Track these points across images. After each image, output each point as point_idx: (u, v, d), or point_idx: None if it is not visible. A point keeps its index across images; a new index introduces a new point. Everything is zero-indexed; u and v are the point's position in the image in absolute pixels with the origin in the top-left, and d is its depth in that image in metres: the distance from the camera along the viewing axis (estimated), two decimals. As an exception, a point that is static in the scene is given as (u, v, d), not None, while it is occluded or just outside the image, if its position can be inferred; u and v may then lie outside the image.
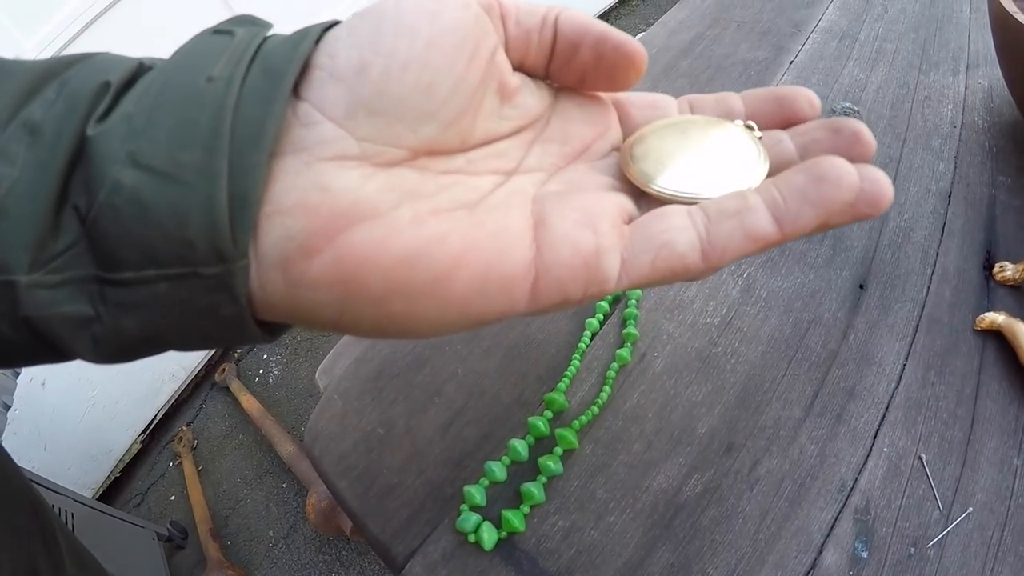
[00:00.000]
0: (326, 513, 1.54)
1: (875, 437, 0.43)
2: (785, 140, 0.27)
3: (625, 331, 0.51)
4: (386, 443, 0.50)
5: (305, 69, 0.23)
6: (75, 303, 0.21)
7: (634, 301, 0.53)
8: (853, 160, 0.23)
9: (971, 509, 0.40)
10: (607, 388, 0.48)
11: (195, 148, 0.20)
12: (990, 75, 0.71)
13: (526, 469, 0.46)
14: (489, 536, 0.42)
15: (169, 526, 1.68)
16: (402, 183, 0.23)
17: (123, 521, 1.54)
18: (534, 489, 0.43)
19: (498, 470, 0.45)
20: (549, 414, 0.47)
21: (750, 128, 0.28)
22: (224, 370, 2.04)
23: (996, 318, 0.47)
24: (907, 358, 0.47)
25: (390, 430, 0.51)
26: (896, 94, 0.72)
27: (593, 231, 0.23)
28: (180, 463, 1.88)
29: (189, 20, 1.78)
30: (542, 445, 0.47)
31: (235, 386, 1.98)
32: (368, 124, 0.23)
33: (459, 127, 0.25)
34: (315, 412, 0.55)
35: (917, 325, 0.49)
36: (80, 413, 1.75)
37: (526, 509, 0.43)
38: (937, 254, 0.54)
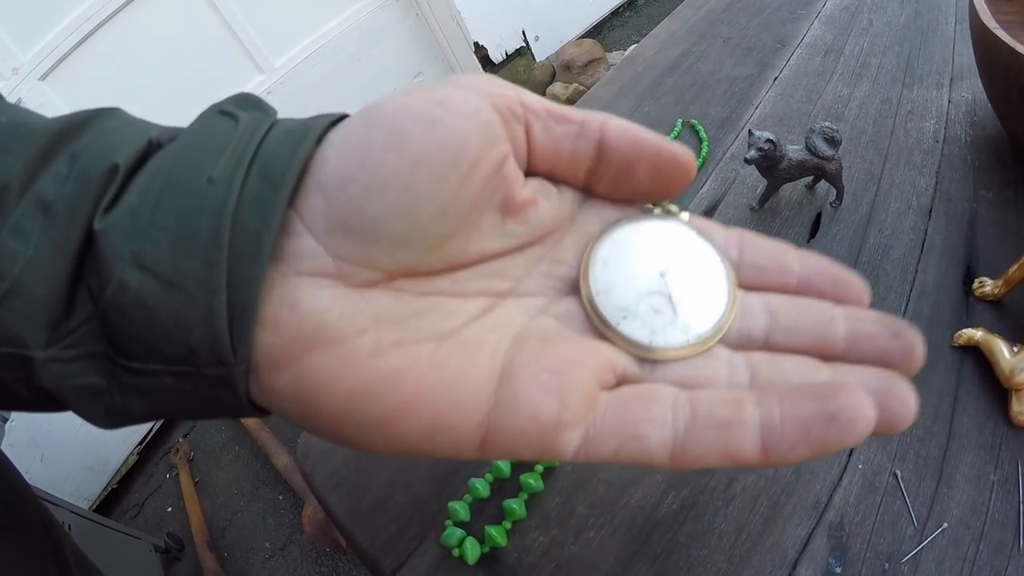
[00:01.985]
0: (322, 525, 1.54)
1: (850, 454, 0.44)
2: (838, 320, 0.24)
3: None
4: (375, 460, 0.51)
5: (301, 173, 0.22)
6: (89, 376, 0.22)
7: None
8: (898, 368, 0.22)
9: (946, 525, 0.41)
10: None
11: (195, 257, 0.21)
12: (974, 88, 0.72)
13: (508, 486, 0.47)
14: (472, 551, 0.43)
15: (166, 538, 1.68)
16: (372, 307, 0.23)
17: (120, 533, 1.54)
18: (516, 505, 0.44)
19: (481, 487, 0.46)
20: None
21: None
22: None
23: (974, 334, 0.48)
24: (884, 374, 0.48)
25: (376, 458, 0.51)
26: (879, 109, 0.73)
27: (559, 401, 0.21)
28: (177, 475, 1.89)
29: (182, 32, 1.79)
30: (523, 464, 0.47)
31: None
32: (345, 242, 0.22)
33: (443, 251, 0.24)
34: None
35: (894, 341, 0.50)
36: (76, 425, 1.75)
37: (508, 525, 0.44)
38: (916, 271, 0.55)
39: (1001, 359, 0.45)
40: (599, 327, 0.25)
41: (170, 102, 1.75)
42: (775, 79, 0.79)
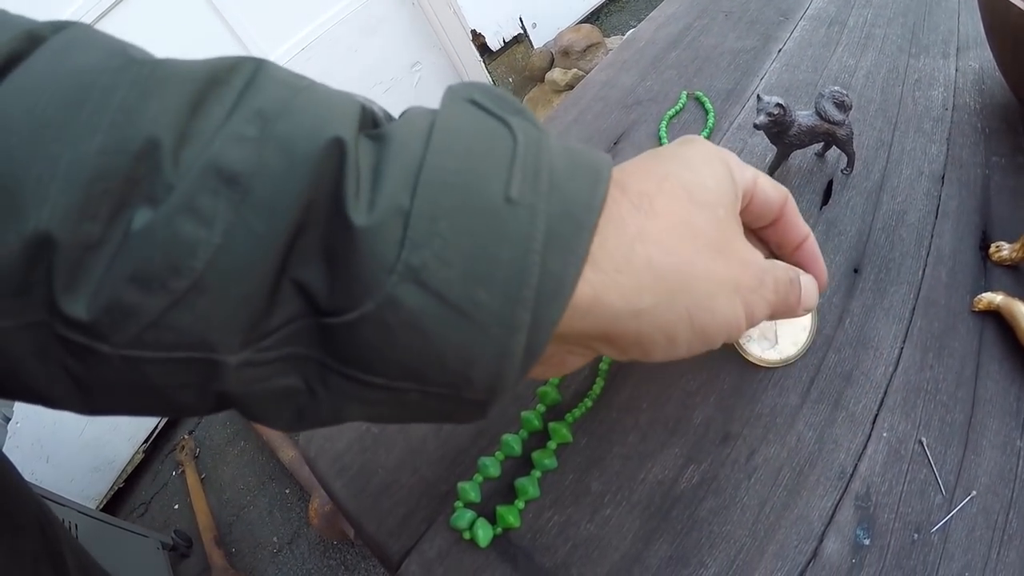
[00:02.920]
0: (329, 517, 1.53)
1: (874, 422, 0.42)
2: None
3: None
4: (380, 442, 0.49)
5: None
6: (287, 378, 0.20)
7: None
8: None
9: (975, 492, 0.39)
10: (600, 380, 0.47)
11: (495, 290, 0.19)
12: (981, 57, 0.70)
13: (520, 464, 0.45)
14: (484, 533, 0.41)
15: (173, 535, 1.67)
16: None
17: (128, 531, 1.53)
18: (528, 484, 0.42)
19: (492, 466, 0.44)
20: (542, 408, 0.46)
21: None
22: None
23: (994, 298, 0.46)
24: (904, 341, 0.46)
25: (384, 429, 0.50)
26: (886, 79, 0.71)
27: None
28: (183, 472, 1.87)
29: (177, 27, 1.77)
30: (536, 439, 0.46)
31: None
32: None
33: None
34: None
35: (914, 308, 0.48)
36: (81, 425, 1.74)
37: (521, 504, 0.42)
38: (932, 236, 0.53)
39: (1023, 322, 0.44)
40: (736, 347, 0.46)
41: None
42: (779, 51, 0.77)
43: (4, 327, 0.17)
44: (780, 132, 0.54)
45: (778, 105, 0.52)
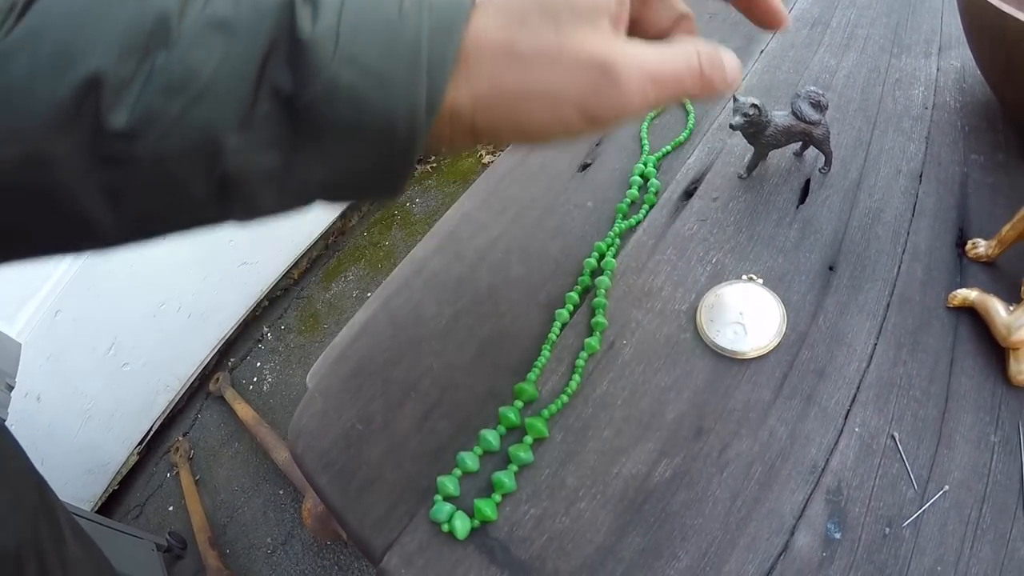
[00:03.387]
0: (322, 518, 1.53)
1: (846, 417, 0.43)
2: None
3: (594, 320, 0.51)
4: (365, 438, 0.50)
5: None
6: (270, 156, 0.27)
7: (603, 291, 0.53)
8: None
9: (947, 487, 0.39)
10: (576, 377, 0.47)
11: (401, 64, 0.27)
12: (962, 56, 0.71)
13: (498, 459, 0.45)
14: (462, 525, 0.41)
15: (168, 536, 1.67)
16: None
17: (122, 533, 1.53)
18: (505, 478, 0.43)
19: (470, 460, 0.44)
20: (520, 404, 0.47)
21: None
22: (218, 379, 2.03)
23: (969, 294, 0.47)
24: (878, 337, 0.46)
25: (368, 425, 0.50)
26: (867, 78, 0.71)
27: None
28: (177, 473, 1.87)
29: None
30: (513, 435, 0.46)
31: (229, 395, 1.97)
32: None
33: None
34: (297, 410, 0.54)
35: (888, 304, 0.48)
36: (76, 427, 1.73)
37: (498, 498, 0.43)
38: (908, 233, 0.53)
39: (997, 318, 0.44)
40: (705, 340, 0.49)
41: None
42: (761, 52, 0.78)
43: (55, 154, 0.24)
44: (756, 132, 0.55)
45: (753, 106, 0.52)
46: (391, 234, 2.35)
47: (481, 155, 2.49)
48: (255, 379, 2.08)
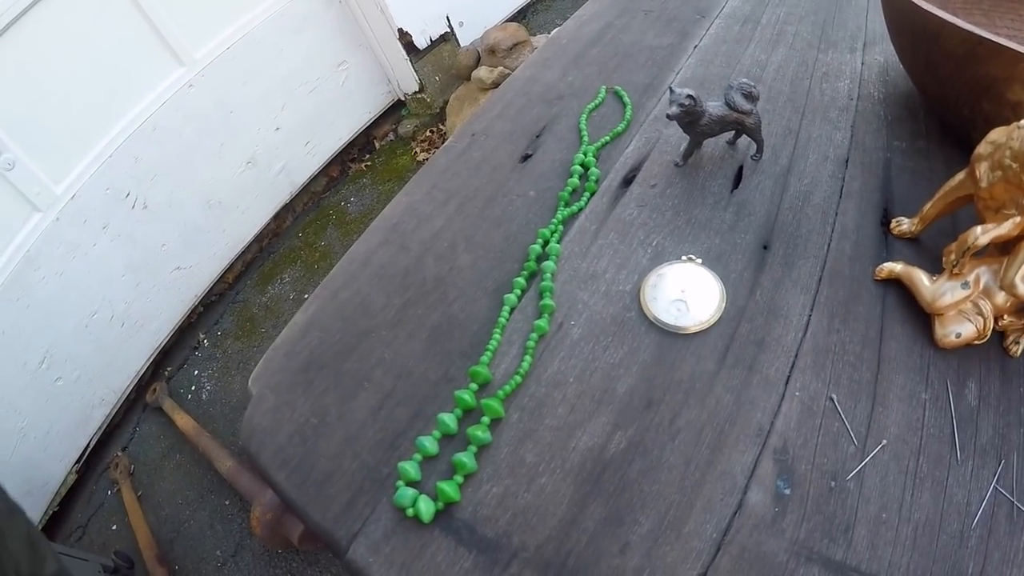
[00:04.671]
0: (271, 525, 1.50)
1: (787, 383, 0.45)
2: None
3: (542, 303, 0.52)
4: (320, 432, 0.50)
5: None
6: None
7: (549, 275, 0.54)
8: None
9: (885, 441, 0.42)
10: (528, 358, 0.49)
11: None
12: (886, 51, 0.75)
13: (457, 441, 0.46)
14: (426, 508, 0.42)
15: (114, 556, 1.61)
16: None
17: (67, 556, 1.47)
18: (466, 459, 0.43)
19: (429, 444, 0.45)
20: (474, 386, 0.48)
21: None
22: (155, 390, 1.96)
23: (895, 267, 0.50)
24: (812, 309, 0.49)
25: (323, 419, 0.50)
26: (796, 72, 0.75)
27: None
28: (119, 490, 1.80)
29: (100, 25, 1.71)
30: (470, 417, 0.47)
31: (168, 405, 1.90)
32: None
33: None
34: (249, 408, 0.54)
35: (820, 279, 0.51)
36: (11, 447, 1.66)
37: (460, 479, 0.43)
38: (836, 214, 0.56)
39: (922, 287, 0.47)
40: (649, 317, 0.51)
41: (89, 96, 1.71)
42: (695, 47, 0.81)
43: None
44: (692, 122, 0.57)
45: (689, 96, 0.55)
46: (326, 234, 2.33)
47: (416, 152, 2.50)
48: (193, 387, 2.02)
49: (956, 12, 0.72)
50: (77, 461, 1.87)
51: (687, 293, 0.51)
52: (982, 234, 0.44)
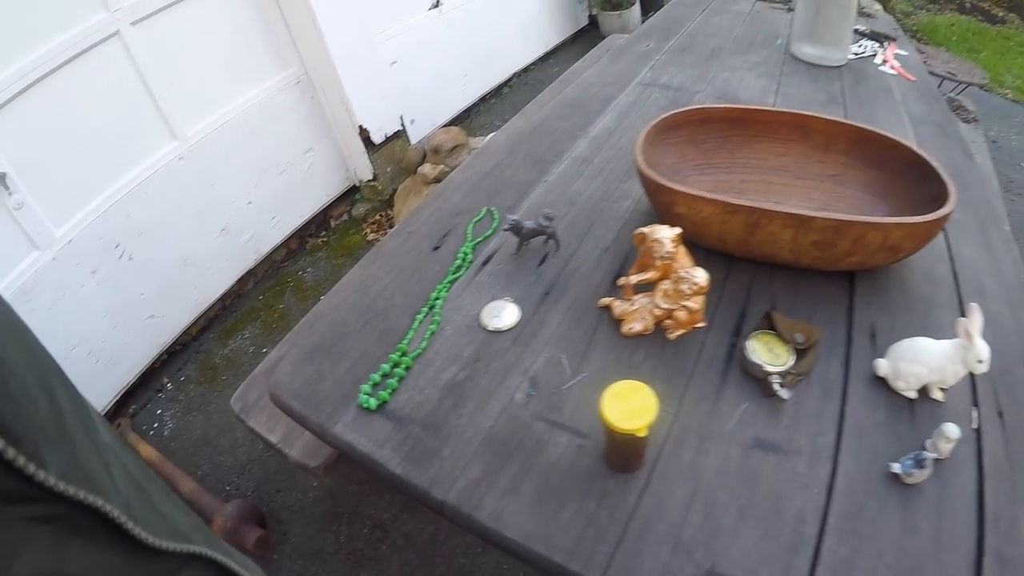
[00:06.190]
0: (231, 532, 1.86)
1: (541, 351, 1.05)
2: None
3: (434, 319, 1.12)
4: (319, 380, 1.05)
5: None
6: None
7: (440, 305, 1.14)
8: None
9: (586, 374, 1.02)
10: (424, 343, 1.08)
11: None
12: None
13: (390, 377, 1.05)
14: (373, 403, 0.99)
15: None
16: None
17: None
18: (393, 382, 1.02)
19: (375, 377, 1.04)
20: (399, 353, 1.07)
21: None
22: (119, 424, 2.26)
23: (606, 300, 1.12)
24: (561, 321, 1.10)
25: (320, 374, 1.07)
26: (601, 196, 1.39)
27: None
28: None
29: (108, 98, 2.11)
30: (397, 366, 1.06)
31: (132, 438, 2.21)
32: None
33: None
34: (277, 370, 1.11)
35: (571, 307, 1.13)
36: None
37: (387, 393, 1.01)
38: (591, 276, 1.19)
39: (615, 308, 1.10)
40: (484, 325, 1.12)
41: (96, 155, 2.10)
42: (545, 181, 1.45)
43: None
44: (518, 231, 1.19)
45: (513, 220, 1.17)
46: (284, 298, 2.79)
47: (366, 233, 3.02)
48: (156, 424, 2.37)
49: (708, 151, 1.38)
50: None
51: (502, 313, 1.11)
52: (632, 278, 1.07)
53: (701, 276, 1.02)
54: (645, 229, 1.04)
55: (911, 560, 0.79)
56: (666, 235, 1.02)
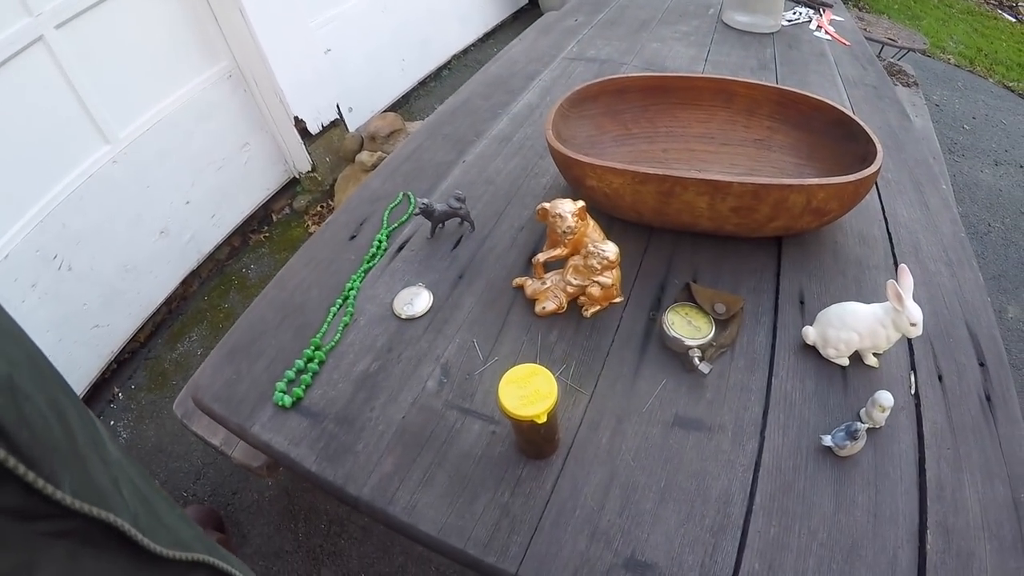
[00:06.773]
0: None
1: (453, 337, 1.07)
2: None
3: (348, 310, 1.13)
4: (237, 381, 1.06)
5: None
6: None
7: (354, 296, 1.15)
8: None
9: (497, 358, 1.03)
10: (338, 335, 1.09)
11: None
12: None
13: (304, 372, 1.06)
14: (288, 400, 1.01)
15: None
16: None
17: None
18: (307, 378, 1.03)
19: (290, 373, 1.04)
20: (313, 348, 1.08)
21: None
22: None
23: (519, 280, 1.13)
24: (475, 303, 1.12)
25: (239, 375, 1.08)
26: (519, 174, 1.40)
27: None
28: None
29: (34, 101, 2.07)
30: (311, 361, 1.07)
31: None
32: None
33: None
34: (195, 375, 1.12)
35: (484, 288, 1.14)
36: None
37: (301, 390, 1.02)
38: (506, 256, 1.20)
39: (527, 287, 1.11)
40: (397, 312, 1.13)
41: (25, 166, 2.06)
42: (463, 161, 1.46)
43: None
44: (429, 215, 1.20)
45: (423, 202, 1.17)
46: (229, 297, 2.78)
47: (308, 225, 3.03)
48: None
49: (628, 121, 1.39)
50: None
51: (414, 300, 1.13)
52: (542, 256, 1.08)
53: (611, 250, 1.02)
54: (547, 204, 1.05)
55: (846, 537, 0.80)
56: (567, 209, 1.02)
